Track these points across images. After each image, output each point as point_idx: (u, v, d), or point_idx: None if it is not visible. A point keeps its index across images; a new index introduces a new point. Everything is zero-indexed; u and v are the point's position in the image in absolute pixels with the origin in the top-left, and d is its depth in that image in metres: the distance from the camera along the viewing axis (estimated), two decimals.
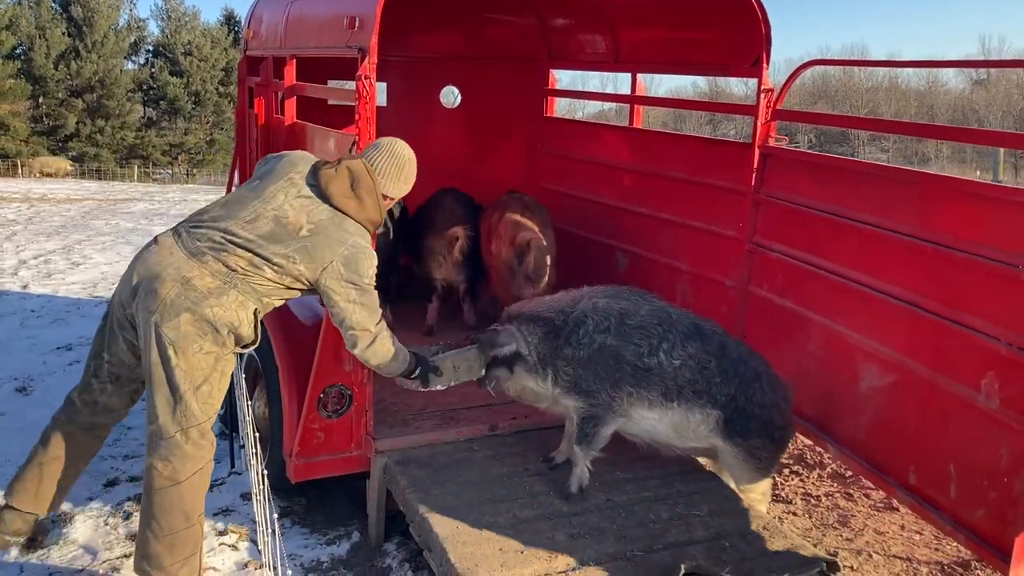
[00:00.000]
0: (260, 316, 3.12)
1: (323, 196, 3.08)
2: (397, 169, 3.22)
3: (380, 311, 3.19)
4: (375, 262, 3.15)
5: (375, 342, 3.15)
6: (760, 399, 3.34)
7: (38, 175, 37.45)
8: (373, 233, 3.25)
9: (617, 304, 3.43)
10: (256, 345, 3.17)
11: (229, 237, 3.02)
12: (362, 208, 3.11)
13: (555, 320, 3.40)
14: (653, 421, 3.42)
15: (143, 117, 50.18)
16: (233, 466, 4.22)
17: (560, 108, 6.35)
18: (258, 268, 3.02)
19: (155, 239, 3.13)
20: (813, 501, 4.08)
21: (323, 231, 3.04)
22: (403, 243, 5.02)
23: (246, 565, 3.46)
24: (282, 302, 3.21)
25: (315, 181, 3.10)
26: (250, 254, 3.01)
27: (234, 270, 3.00)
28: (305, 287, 3.14)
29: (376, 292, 3.16)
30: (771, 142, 4.04)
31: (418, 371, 3.33)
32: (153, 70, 49.04)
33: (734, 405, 3.34)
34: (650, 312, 3.41)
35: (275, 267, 3.03)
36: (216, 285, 2.98)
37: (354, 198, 3.09)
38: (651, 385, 3.35)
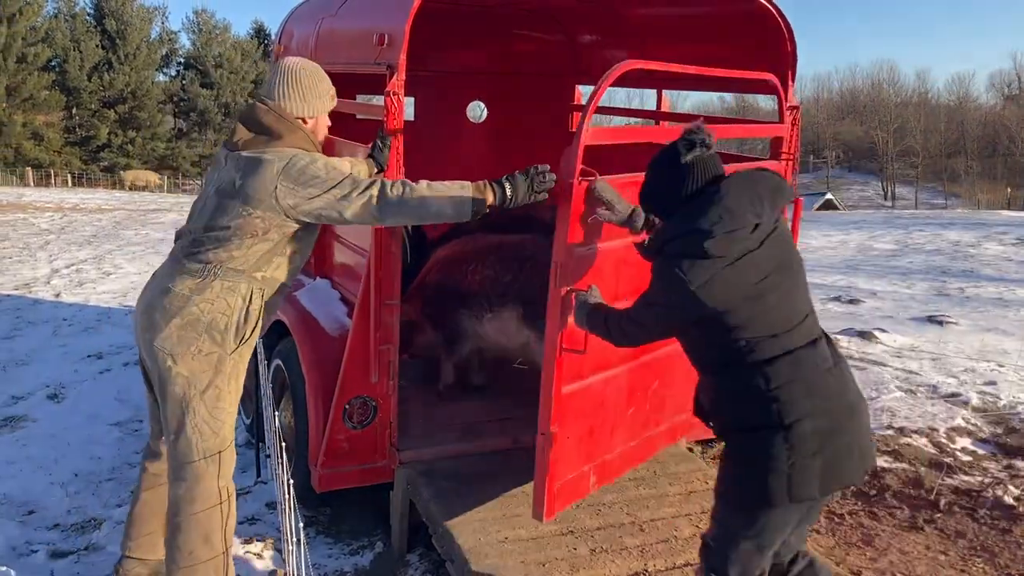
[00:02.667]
0: (259, 298, 2.95)
1: (236, 152, 2.94)
2: (295, 86, 2.98)
3: (363, 179, 2.92)
4: (320, 159, 2.92)
5: (382, 201, 2.86)
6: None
7: (129, 187, 38.50)
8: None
9: None
10: (261, 333, 3.02)
11: (195, 235, 2.94)
12: (274, 138, 2.91)
13: None
14: None
15: (173, 128, 50.96)
16: (259, 475, 4.27)
17: None
18: (224, 245, 2.87)
19: (152, 274, 3.10)
20: (836, 519, 4.06)
21: (250, 171, 2.85)
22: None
23: (271, 574, 3.49)
24: (286, 272, 3.01)
25: (227, 147, 2.99)
26: (214, 237, 2.88)
27: (209, 261, 2.88)
28: (286, 238, 2.93)
29: (344, 172, 2.90)
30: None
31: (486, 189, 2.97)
32: (184, 82, 49.79)
33: None
34: None
35: (236, 233, 2.85)
36: (196, 283, 2.87)
37: (259, 135, 2.92)
38: None
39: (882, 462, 4.65)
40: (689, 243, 2.34)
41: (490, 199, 2.97)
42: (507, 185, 3.00)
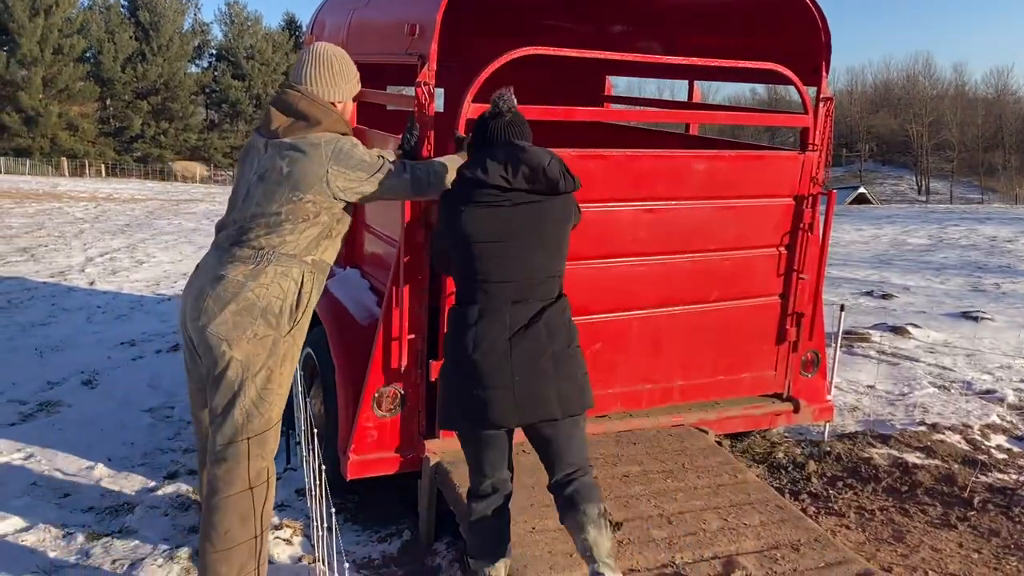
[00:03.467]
0: (310, 281, 3.03)
1: (276, 139, 3.00)
2: (328, 72, 3.09)
3: (400, 162, 3.11)
4: (358, 143, 3.06)
5: (415, 178, 3.09)
6: None
7: (180, 178, 39.12)
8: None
9: None
10: (307, 305, 3.06)
11: (241, 223, 2.99)
12: (312, 123, 2.99)
13: None
14: None
15: (205, 119, 51.42)
16: (289, 462, 4.30)
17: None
18: (276, 231, 2.94)
19: (197, 264, 3.16)
20: (867, 515, 4.02)
21: (298, 158, 2.93)
22: None
23: (300, 559, 3.53)
24: (332, 255, 3.11)
25: (264, 135, 3.05)
26: (264, 223, 2.94)
27: (262, 247, 2.95)
28: (334, 219, 3.03)
29: (386, 159, 3.08)
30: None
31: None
32: (216, 73, 50.22)
33: None
34: None
35: (288, 218, 2.93)
36: (250, 269, 2.93)
37: (297, 121, 2.99)
38: None
39: (913, 458, 4.60)
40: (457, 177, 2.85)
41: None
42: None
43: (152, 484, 4.17)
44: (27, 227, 13.13)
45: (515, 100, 2.91)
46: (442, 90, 5.54)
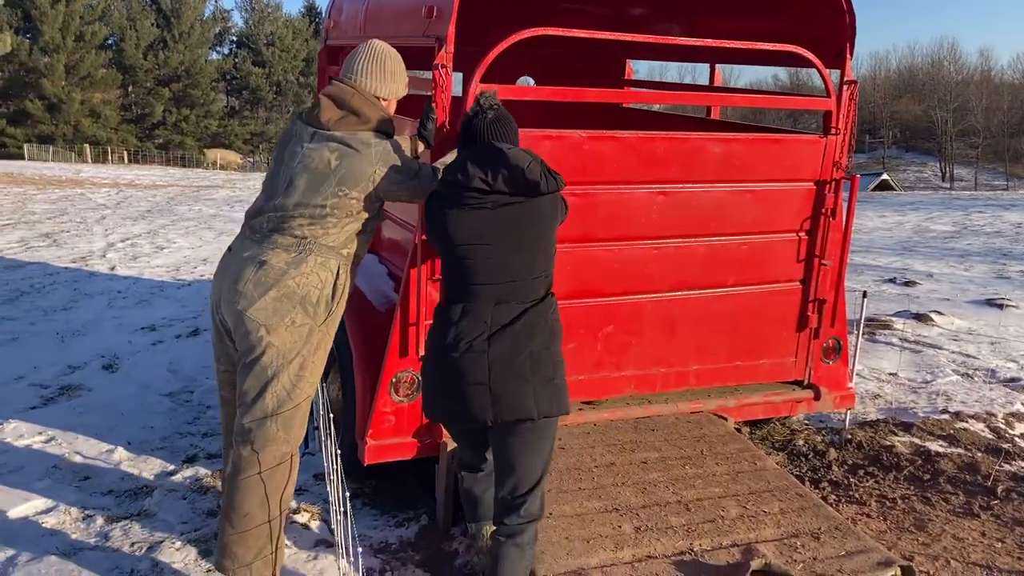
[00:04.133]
0: (345, 273, 3.08)
1: (326, 131, 3.03)
2: (379, 68, 3.13)
3: (429, 167, 3.16)
4: (404, 149, 3.14)
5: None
6: None
7: (217, 166, 39.52)
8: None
9: None
10: (343, 295, 3.12)
11: (281, 212, 3.02)
12: (363, 120, 3.05)
13: None
14: None
15: (226, 106, 51.60)
16: (307, 447, 4.31)
17: None
18: (320, 223, 2.98)
19: (228, 248, 3.19)
20: (888, 503, 3.98)
21: (348, 153, 2.98)
22: None
23: (317, 543, 3.53)
24: (364, 248, 3.18)
25: (312, 124, 3.06)
26: (307, 214, 2.98)
27: (304, 237, 2.99)
28: (372, 215, 3.09)
29: (425, 166, 3.15)
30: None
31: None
32: (236, 60, 50.36)
33: None
34: None
35: (333, 212, 2.98)
36: (292, 257, 2.98)
37: (348, 115, 3.04)
38: None
39: (936, 446, 4.55)
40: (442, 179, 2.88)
41: None
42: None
43: (171, 468, 4.20)
44: (50, 213, 13.23)
45: (497, 98, 2.93)
46: (459, 75, 5.51)
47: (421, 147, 3.45)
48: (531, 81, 6.00)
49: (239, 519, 3.03)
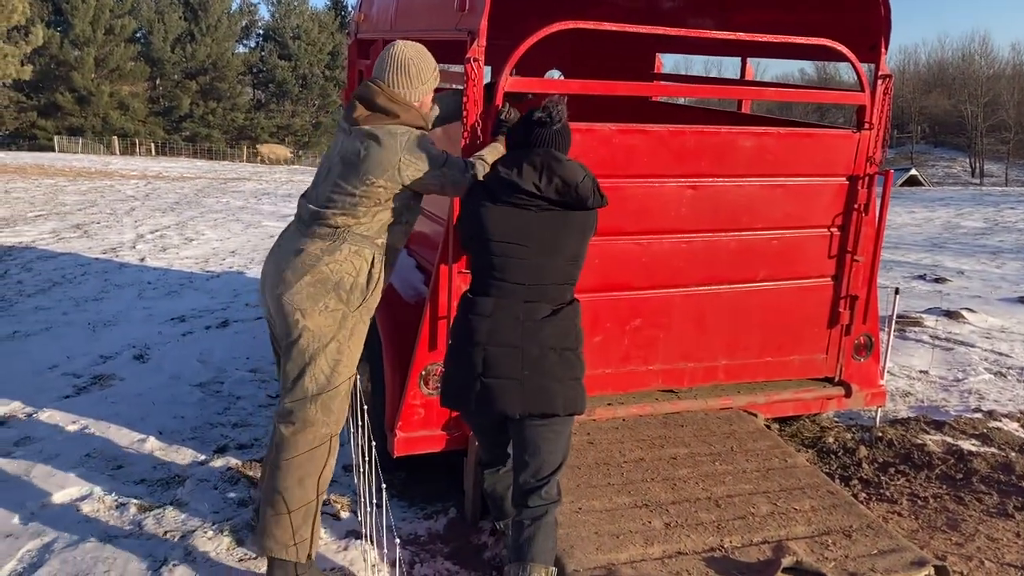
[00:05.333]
0: (380, 262, 3.15)
1: (358, 127, 3.13)
2: (403, 74, 3.16)
3: (461, 159, 3.18)
4: (432, 141, 3.15)
5: (475, 171, 3.14)
6: None
7: (266, 160, 40.04)
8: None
9: None
10: (378, 285, 3.18)
11: (322, 201, 3.15)
12: (391, 116, 3.11)
13: None
14: None
15: (252, 99, 51.87)
16: None
17: None
18: (352, 212, 3.08)
19: (280, 235, 3.33)
20: (920, 502, 3.94)
21: (374, 145, 3.06)
22: None
23: (347, 534, 3.55)
24: (400, 240, 3.23)
25: (348, 121, 3.17)
26: (340, 204, 3.08)
27: (338, 226, 3.09)
28: (404, 206, 3.14)
29: (448, 153, 3.16)
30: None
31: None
32: (263, 53, 50.56)
33: None
34: None
35: (362, 201, 3.06)
36: (327, 245, 3.09)
37: (378, 115, 3.11)
38: None
39: (969, 445, 4.49)
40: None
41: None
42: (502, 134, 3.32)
43: (202, 458, 4.23)
44: (80, 204, 13.38)
45: (566, 112, 2.94)
46: (489, 68, 5.50)
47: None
48: (560, 73, 5.98)
49: (279, 499, 3.11)
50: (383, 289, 3.27)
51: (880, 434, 4.58)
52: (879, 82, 4.04)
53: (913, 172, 38.20)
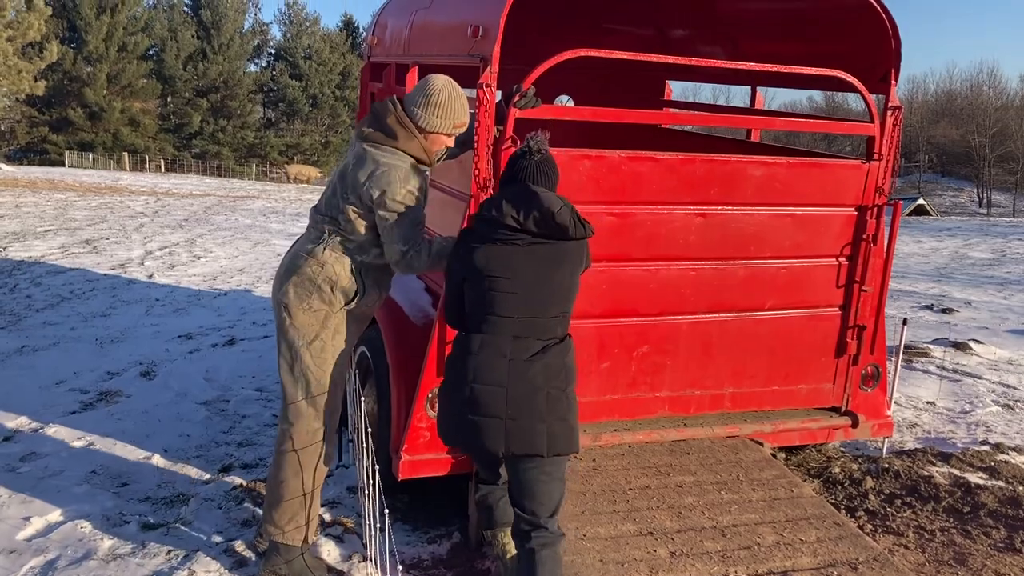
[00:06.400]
0: (361, 276, 3.24)
1: (360, 141, 3.25)
2: (424, 99, 3.19)
3: (415, 230, 3.18)
4: (411, 185, 3.14)
5: (405, 259, 3.17)
6: None
7: (294, 180, 40.43)
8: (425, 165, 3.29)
9: None
10: (362, 296, 3.25)
11: (320, 205, 3.32)
12: (389, 137, 3.17)
13: None
14: None
15: (263, 118, 52.21)
16: (340, 459, 4.33)
17: None
18: (335, 221, 3.22)
19: None
20: (927, 535, 3.91)
21: (359, 163, 3.17)
22: None
23: (350, 557, 3.54)
24: (381, 259, 3.25)
25: (359, 136, 3.28)
26: (330, 210, 3.25)
27: (324, 231, 3.25)
28: (376, 233, 3.21)
29: (415, 214, 3.16)
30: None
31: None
32: (274, 73, 50.93)
33: None
34: None
35: (341, 212, 3.19)
36: (312, 248, 3.24)
37: (381, 131, 3.18)
38: None
39: (976, 478, 4.47)
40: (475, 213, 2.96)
41: None
42: None
43: (207, 476, 4.23)
44: (90, 220, 13.45)
45: (547, 143, 2.99)
46: (500, 92, 5.54)
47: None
48: (569, 98, 6.02)
49: (276, 486, 3.34)
50: (377, 302, 3.39)
51: (887, 465, 4.56)
52: (889, 113, 4.06)
53: (921, 201, 38.23)
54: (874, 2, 3.90)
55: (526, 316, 2.85)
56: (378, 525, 3.08)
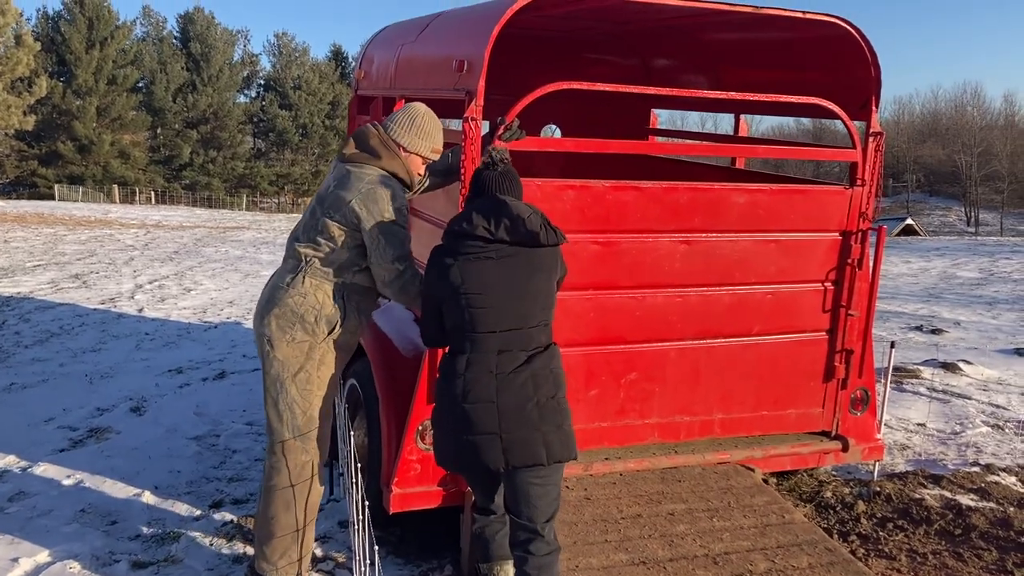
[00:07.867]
0: (340, 299, 3.24)
1: (342, 162, 3.31)
2: (408, 120, 3.31)
3: (406, 248, 3.21)
4: (398, 202, 3.20)
5: (401, 279, 3.17)
6: None
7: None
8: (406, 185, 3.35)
9: None
10: (343, 322, 3.25)
11: (297, 231, 3.32)
12: (373, 157, 3.23)
13: None
14: None
15: (253, 148, 52.36)
16: (331, 493, 4.31)
17: None
18: (315, 244, 3.21)
19: None
20: (919, 558, 3.91)
21: (342, 182, 3.22)
22: None
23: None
24: (364, 280, 3.27)
25: (340, 158, 3.34)
26: (308, 233, 3.24)
27: (302, 257, 3.24)
28: (360, 252, 3.22)
29: (405, 232, 3.21)
30: None
31: None
32: (263, 103, 51.16)
33: None
34: None
35: (322, 232, 3.19)
36: (291, 278, 3.23)
37: (364, 152, 3.24)
38: None
39: (967, 500, 4.48)
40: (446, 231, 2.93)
41: None
42: None
43: (198, 513, 4.21)
44: (79, 254, 13.44)
45: (508, 154, 3.03)
46: (487, 123, 5.59)
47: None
48: (556, 128, 6.07)
49: (266, 522, 3.32)
50: (359, 329, 3.38)
51: (878, 488, 4.57)
52: (871, 139, 4.11)
53: (909, 221, 38.46)
54: (854, 32, 3.96)
55: (507, 328, 2.86)
56: (368, 560, 3.06)
